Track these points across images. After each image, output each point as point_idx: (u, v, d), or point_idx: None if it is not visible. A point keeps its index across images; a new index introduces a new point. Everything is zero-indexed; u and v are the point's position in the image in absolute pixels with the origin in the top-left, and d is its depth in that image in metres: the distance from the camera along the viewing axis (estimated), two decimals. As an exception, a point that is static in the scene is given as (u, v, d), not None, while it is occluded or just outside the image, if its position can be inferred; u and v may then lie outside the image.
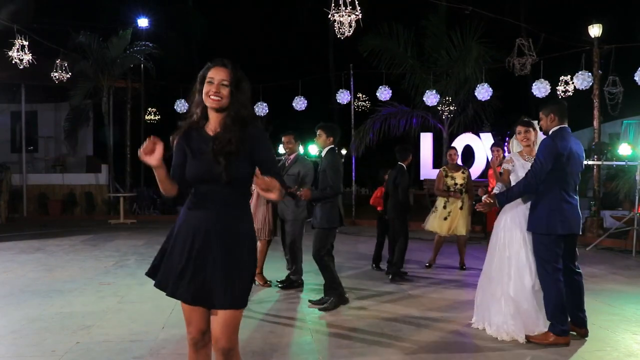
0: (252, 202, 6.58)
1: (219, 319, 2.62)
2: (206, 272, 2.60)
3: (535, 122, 4.94)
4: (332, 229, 5.72)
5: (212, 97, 2.63)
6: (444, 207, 7.80)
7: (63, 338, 4.65)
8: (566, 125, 4.60)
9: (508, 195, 4.68)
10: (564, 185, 4.49)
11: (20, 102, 16.70)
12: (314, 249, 5.68)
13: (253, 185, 7.10)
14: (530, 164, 4.75)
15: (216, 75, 2.66)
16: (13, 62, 11.88)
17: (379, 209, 7.99)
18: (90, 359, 4.20)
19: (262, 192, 2.49)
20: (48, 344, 4.51)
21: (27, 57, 11.91)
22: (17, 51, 11.82)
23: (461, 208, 7.75)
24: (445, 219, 7.76)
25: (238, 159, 2.63)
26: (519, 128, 4.93)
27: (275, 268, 7.25)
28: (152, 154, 2.55)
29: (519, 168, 4.86)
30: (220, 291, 2.58)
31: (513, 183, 4.85)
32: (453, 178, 7.81)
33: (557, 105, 4.66)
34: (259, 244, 6.67)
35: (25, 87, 16.41)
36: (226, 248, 2.62)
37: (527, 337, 4.55)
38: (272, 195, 2.49)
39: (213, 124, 2.71)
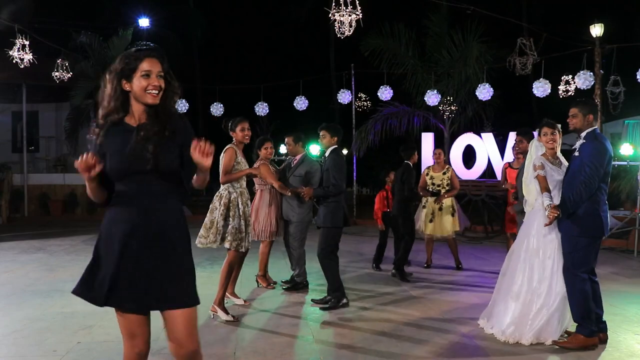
0: (255, 202, 6.57)
1: (181, 321, 2.49)
2: (146, 275, 2.44)
3: (559, 125, 4.79)
4: (337, 228, 5.71)
5: (152, 92, 2.49)
6: (424, 207, 7.81)
7: (64, 338, 4.65)
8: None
9: (573, 204, 4.37)
10: (605, 186, 4.45)
11: (21, 102, 16.69)
12: (318, 248, 5.69)
13: (257, 185, 7.00)
14: (557, 167, 4.66)
15: (153, 67, 2.50)
16: (14, 61, 11.87)
17: (379, 222, 7.89)
18: (92, 359, 4.20)
19: (200, 158, 2.39)
20: (49, 343, 4.51)
21: (28, 56, 11.89)
22: (18, 51, 11.81)
23: (440, 209, 7.74)
24: (431, 221, 7.76)
25: (167, 149, 2.49)
26: (546, 129, 4.71)
27: (278, 269, 7.23)
28: (90, 171, 2.39)
29: (551, 171, 4.65)
30: (173, 291, 2.45)
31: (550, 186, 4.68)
32: (432, 178, 7.82)
33: (596, 106, 4.60)
34: (261, 246, 6.66)
35: (26, 87, 16.41)
36: (161, 246, 2.48)
37: (555, 342, 4.47)
38: (207, 162, 2.42)
39: (137, 115, 2.55)
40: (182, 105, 16.18)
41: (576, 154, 4.52)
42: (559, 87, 13.20)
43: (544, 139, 4.75)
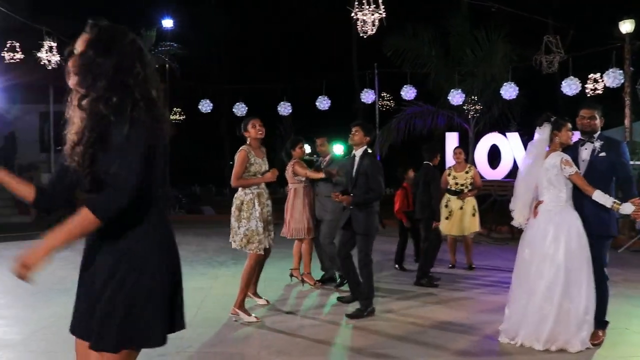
0: (289, 201, 6.58)
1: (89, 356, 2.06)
2: (79, 302, 2.21)
3: None
4: (375, 234, 5.58)
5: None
6: (445, 206, 7.70)
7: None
8: None
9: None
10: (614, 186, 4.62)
11: (49, 102, 16.99)
12: (360, 255, 5.47)
13: (290, 184, 6.94)
14: None
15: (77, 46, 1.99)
16: (42, 63, 12.08)
17: (404, 220, 7.84)
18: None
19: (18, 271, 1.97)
20: (76, 341, 4.56)
21: (56, 58, 12.11)
22: (46, 52, 12.02)
23: (461, 208, 7.64)
24: (447, 218, 7.63)
25: (104, 161, 1.96)
26: (570, 125, 4.55)
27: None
28: None
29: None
30: (90, 328, 2.09)
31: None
32: (455, 177, 7.75)
33: None
34: (303, 244, 6.62)
35: (54, 88, 16.71)
36: (97, 274, 2.15)
37: (593, 343, 4.37)
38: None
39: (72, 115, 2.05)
40: (206, 105, 16.29)
41: (602, 154, 4.49)
42: (587, 85, 12.92)
43: (568, 134, 4.53)
